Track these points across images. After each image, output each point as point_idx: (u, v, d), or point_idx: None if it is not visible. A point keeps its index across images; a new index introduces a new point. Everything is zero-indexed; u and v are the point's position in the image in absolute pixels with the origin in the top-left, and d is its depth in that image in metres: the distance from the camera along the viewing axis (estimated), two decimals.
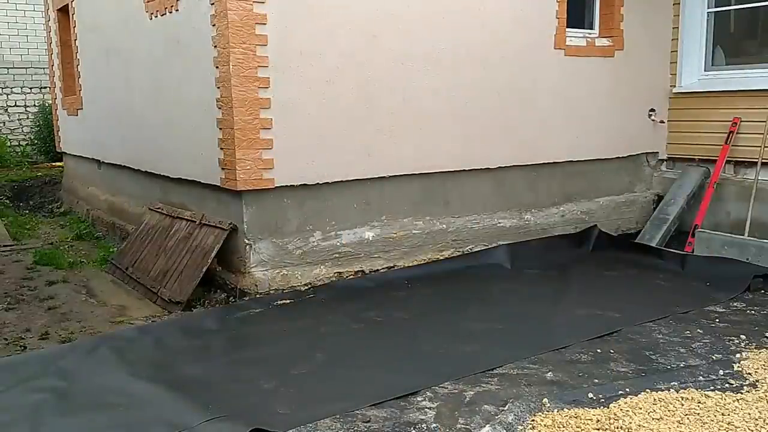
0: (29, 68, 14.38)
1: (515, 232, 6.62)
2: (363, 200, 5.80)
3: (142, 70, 6.82)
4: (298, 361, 4.11)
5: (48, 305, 5.55)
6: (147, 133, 6.84)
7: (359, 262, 5.79)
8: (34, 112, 14.31)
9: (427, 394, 3.64)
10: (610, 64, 6.96)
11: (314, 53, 5.34)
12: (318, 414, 3.41)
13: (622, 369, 3.95)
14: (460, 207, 6.31)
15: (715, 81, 7.06)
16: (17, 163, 13.66)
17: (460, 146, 6.14)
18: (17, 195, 11.34)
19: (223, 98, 5.20)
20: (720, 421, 3.25)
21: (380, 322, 4.89)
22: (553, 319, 4.85)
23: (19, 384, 3.84)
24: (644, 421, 3.25)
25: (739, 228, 6.41)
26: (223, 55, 5.10)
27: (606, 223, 7.11)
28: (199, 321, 4.93)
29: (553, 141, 6.70)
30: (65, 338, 4.76)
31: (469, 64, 6.07)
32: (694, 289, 5.52)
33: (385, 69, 5.68)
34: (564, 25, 6.58)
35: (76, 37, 8.97)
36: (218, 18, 5.12)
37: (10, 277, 6.46)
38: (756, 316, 4.88)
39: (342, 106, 5.51)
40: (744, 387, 3.65)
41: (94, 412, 3.51)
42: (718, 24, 7.14)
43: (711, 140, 6.92)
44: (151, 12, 6.39)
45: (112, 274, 6.48)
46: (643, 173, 7.50)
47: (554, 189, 6.87)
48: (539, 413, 3.37)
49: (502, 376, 3.87)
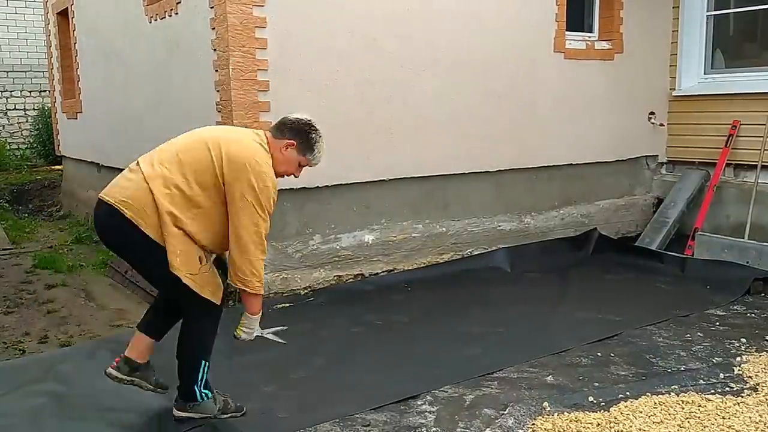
0: (29, 71, 14.38)
1: (515, 235, 6.62)
2: (363, 203, 5.79)
3: (142, 73, 6.82)
4: (298, 364, 4.10)
5: (47, 309, 5.53)
6: (146, 137, 6.81)
7: (359, 266, 5.78)
8: (33, 115, 14.30)
9: (427, 397, 3.63)
10: (609, 67, 6.96)
11: (313, 56, 5.34)
12: (318, 418, 3.41)
13: (622, 372, 3.94)
14: (460, 210, 6.31)
15: (715, 84, 7.06)
16: (16, 166, 13.64)
17: (459, 149, 6.14)
18: (16, 198, 11.32)
19: (222, 101, 5.20)
20: (720, 425, 3.24)
21: (380, 325, 4.89)
22: (553, 322, 4.85)
23: (18, 388, 3.83)
24: (645, 424, 3.25)
25: (739, 231, 6.41)
26: (223, 58, 5.10)
27: (606, 226, 7.11)
28: None
29: (553, 144, 6.70)
30: (64, 342, 4.75)
31: (468, 67, 6.07)
32: (695, 292, 5.52)
33: (384, 72, 5.68)
34: (563, 28, 6.58)
35: (75, 40, 8.97)
36: (218, 21, 5.12)
37: (9, 280, 6.45)
38: (756, 319, 4.88)
39: (341, 109, 5.51)
40: (744, 390, 3.64)
41: (93, 416, 3.51)
42: (717, 27, 7.14)
43: (711, 143, 6.92)
44: (150, 15, 6.39)
45: (112, 278, 6.47)
46: (643, 176, 7.50)
47: (554, 192, 6.87)
48: (540, 417, 3.36)
49: (502, 380, 3.86)
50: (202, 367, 3.32)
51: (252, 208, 3.07)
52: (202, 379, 3.34)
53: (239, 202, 3.06)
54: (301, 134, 3.21)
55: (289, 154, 3.22)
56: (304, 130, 3.21)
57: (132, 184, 3.12)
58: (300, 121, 3.22)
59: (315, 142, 3.23)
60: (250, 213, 3.07)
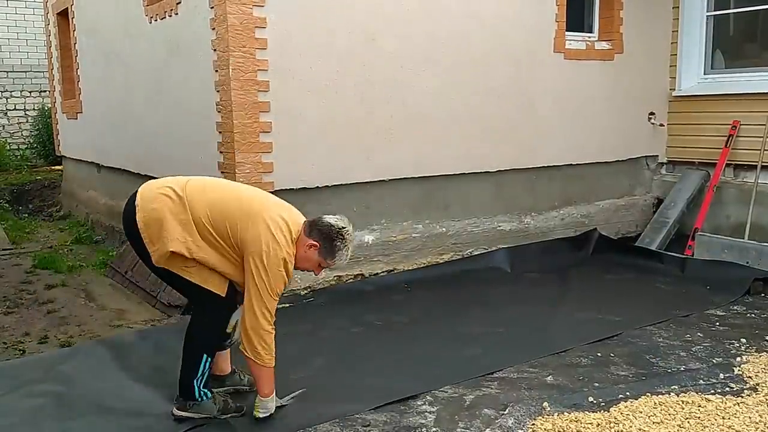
0: (29, 72, 14.38)
1: (515, 235, 6.62)
2: (363, 204, 5.79)
3: (142, 73, 6.82)
4: (298, 365, 4.10)
5: (47, 309, 5.53)
6: (146, 137, 6.83)
7: (359, 266, 5.78)
8: (33, 115, 14.30)
9: (426, 397, 3.63)
10: (609, 67, 6.96)
11: (313, 56, 5.34)
12: (318, 418, 3.41)
13: (622, 372, 3.94)
14: (460, 210, 6.31)
15: (715, 84, 7.06)
16: (16, 166, 13.64)
17: (459, 150, 6.14)
18: (16, 198, 11.32)
19: (222, 102, 5.20)
20: (720, 425, 3.24)
21: (380, 325, 4.89)
22: (553, 322, 4.85)
23: (19, 388, 3.83)
24: (644, 424, 3.25)
25: (739, 231, 6.41)
26: (223, 58, 5.10)
27: (606, 226, 7.11)
28: None
29: (553, 144, 6.70)
30: (64, 342, 4.75)
31: (468, 68, 6.07)
32: (695, 292, 5.52)
33: (384, 72, 5.68)
34: (563, 28, 6.58)
35: (75, 40, 8.97)
36: (218, 22, 5.12)
37: (9, 280, 6.45)
38: (756, 319, 4.88)
39: (341, 109, 5.51)
40: (744, 390, 3.64)
41: (93, 416, 3.51)
42: (717, 27, 7.14)
43: (711, 143, 6.92)
44: (150, 16, 6.39)
45: (112, 278, 6.47)
46: (643, 176, 7.50)
47: (554, 192, 6.87)
48: (539, 417, 3.36)
49: (502, 380, 3.86)
50: (204, 362, 3.35)
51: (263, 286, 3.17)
52: (203, 376, 3.36)
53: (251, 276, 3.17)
54: (326, 240, 3.24)
55: (311, 254, 3.27)
56: (330, 237, 3.24)
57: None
58: (331, 227, 3.25)
59: (338, 250, 3.26)
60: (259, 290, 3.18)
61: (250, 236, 3.14)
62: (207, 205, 3.21)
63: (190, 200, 3.22)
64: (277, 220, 3.20)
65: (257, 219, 3.17)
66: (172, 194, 3.23)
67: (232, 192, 3.37)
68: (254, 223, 3.15)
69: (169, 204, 3.20)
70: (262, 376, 3.33)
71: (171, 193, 3.23)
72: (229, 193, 3.34)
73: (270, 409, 3.42)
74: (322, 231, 3.24)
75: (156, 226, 3.19)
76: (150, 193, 3.29)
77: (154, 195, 3.26)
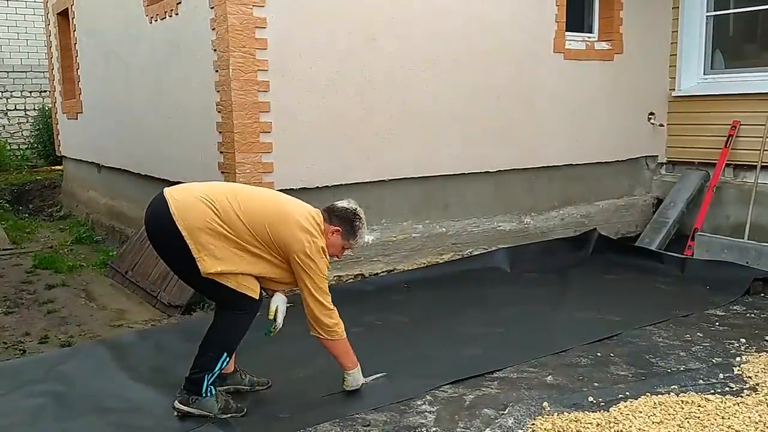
0: (29, 72, 14.38)
1: (515, 235, 6.62)
2: (363, 204, 5.70)
3: (142, 73, 6.82)
4: (298, 365, 4.10)
5: (47, 309, 5.53)
6: (147, 137, 6.84)
7: (359, 266, 5.78)
8: (33, 115, 14.30)
9: (426, 397, 3.64)
10: (609, 67, 6.97)
11: (314, 56, 5.34)
12: (318, 418, 3.41)
13: (622, 372, 3.95)
14: (460, 210, 6.31)
15: (715, 84, 7.07)
16: (17, 166, 13.64)
17: (459, 150, 6.15)
18: (17, 199, 11.32)
19: (222, 102, 5.21)
20: (720, 425, 3.25)
21: (380, 325, 4.89)
22: (552, 322, 4.85)
23: (19, 388, 3.84)
24: (644, 424, 3.25)
25: (738, 231, 6.41)
26: (223, 58, 5.10)
27: (605, 226, 7.11)
28: (199, 325, 4.91)
29: (553, 144, 6.71)
30: (65, 342, 4.75)
31: (468, 68, 6.08)
32: (694, 292, 5.52)
33: (384, 72, 5.68)
34: (563, 28, 6.58)
35: (75, 40, 8.98)
36: (218, 22, 5.12)
37: (10, 280, 6.45)
38: (756, 319, 4.88)
39: (341, 109, 5.51)
40: (744, 390, 3.65)
41: (93, 416, 3.51)
42: (717, 28, 7.15)
43: (710, 143, 6.93)
44: (150, 16, 6.39)
45: (112, 278, 6.47)
46: (643, 176, 7.51)
47: (554, 192, 6.87)
48: (539, 417, 3.36)
49: (502, 380, 3.86)
50: (223, 359, 3.42)
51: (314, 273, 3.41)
52: (216, 373, 3.42)
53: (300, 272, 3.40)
54: (346, 222, 3.55)
55: (335, 239, 3.55)
56: (348, 219, 3.56)
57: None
58: (347, 210, 3.58)
59: (358, 229, 3.59)
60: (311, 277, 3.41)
61: (290, 236, 3.34)
62: (246, 214, 3.33)
63: (230, 209, 3.31)
64: (306, 216, 3.45)
65: (290, 220, 3.38)
66: (209, 202, 3.31)
67: (260, 198, 3.50)
68: (289, 224, 3.37)
69: (210, 214, 3.28)
70: (341, 349, 3.58)
71: (208, 201, 3.31)
72: (260, 200, 3.47)
73: (358, 381, 3.65)
74: (340, 216, 3.55)
75: (200, 236, 3.25)
76: (188, 200, 3.33)
77: (192, 202, 3.31)
